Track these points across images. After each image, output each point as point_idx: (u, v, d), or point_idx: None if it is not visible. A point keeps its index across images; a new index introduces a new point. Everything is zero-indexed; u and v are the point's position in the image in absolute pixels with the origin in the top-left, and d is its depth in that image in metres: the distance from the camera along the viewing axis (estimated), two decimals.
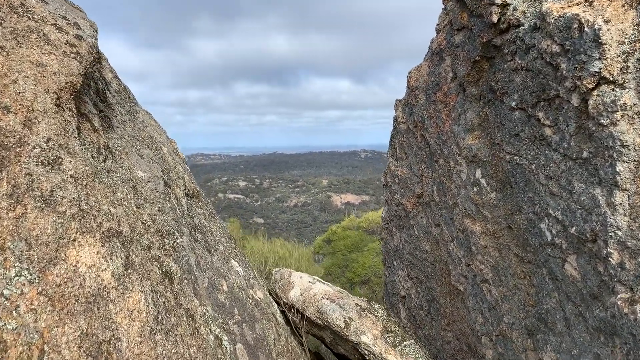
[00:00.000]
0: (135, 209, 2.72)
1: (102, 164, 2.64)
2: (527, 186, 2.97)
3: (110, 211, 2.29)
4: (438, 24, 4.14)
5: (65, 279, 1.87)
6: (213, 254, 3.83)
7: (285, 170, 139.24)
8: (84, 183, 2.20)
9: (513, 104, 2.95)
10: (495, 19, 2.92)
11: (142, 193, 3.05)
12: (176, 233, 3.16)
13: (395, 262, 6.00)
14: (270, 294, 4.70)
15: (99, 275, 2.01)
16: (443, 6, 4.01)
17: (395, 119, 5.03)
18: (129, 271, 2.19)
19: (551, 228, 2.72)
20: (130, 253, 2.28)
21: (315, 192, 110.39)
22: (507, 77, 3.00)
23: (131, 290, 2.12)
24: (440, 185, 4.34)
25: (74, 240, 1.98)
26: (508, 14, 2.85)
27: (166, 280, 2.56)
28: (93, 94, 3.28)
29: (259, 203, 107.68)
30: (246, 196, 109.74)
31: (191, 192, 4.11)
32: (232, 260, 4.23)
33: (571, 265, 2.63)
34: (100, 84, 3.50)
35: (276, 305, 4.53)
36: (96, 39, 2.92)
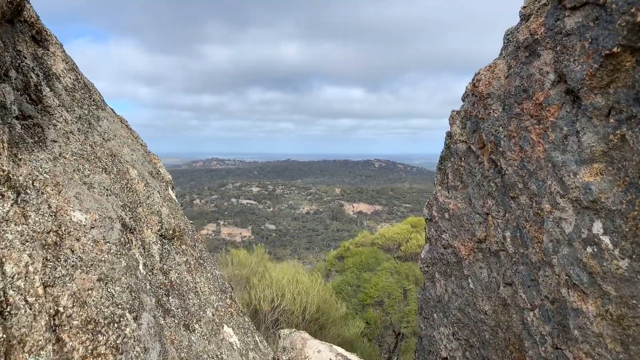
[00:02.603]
0: (38, 294, 1.53)
1: None
2: None
3: None
4: (525, 7, 2.93)
5: None
6: (195, 329, 2.63)
7: (299, 178, 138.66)
8: None
9: None
10: None
11: (72, 251, 1.87)
12: (127, 315, 1.96)
13: (436, 315, 4.76)
14: None
15: None
16: None
17: (450, 135, 3.80)
18: None
19: None
20: None
21: (327, 200, 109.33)
22: None
23: None
24: (518, 232, 3.11)
25: None
26: None
27: None
28: (13, 92, 2.11)
29: (271, 209, 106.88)
30: (259, 202, 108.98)
31: (170, 231, 2.93)
32: (225, 327, 3.04)
33: None
34: (33, 76, 2.34)
35: None
36: None
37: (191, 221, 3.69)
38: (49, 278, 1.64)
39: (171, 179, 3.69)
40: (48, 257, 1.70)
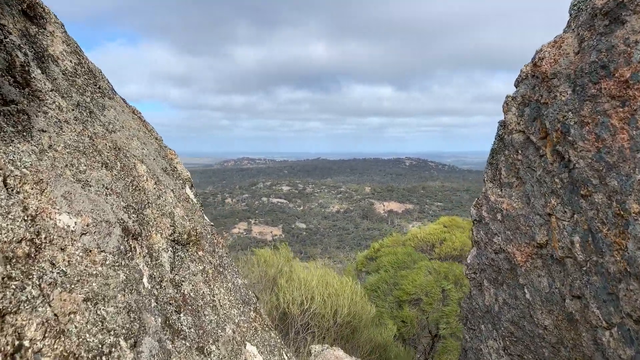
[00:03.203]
0: None
1: None
2: None
3: None
4: None
5: None
6: (211, 351, 2.25)
7: (328, 176, 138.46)
8: None
9: None
10: None
11: (53, 265, 1.50)
12: (122, 343, 1.58)
13: (483, 327, 4.28)
14: None
15: None
16: None
17: (504, 124, 3.33)
18: None
19: None
20: None
21: (357, 199, 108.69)
22: None
23: None
24: (590, 237, 2.62)
25: None
26: None
27: None
28: None
29: (301, 208, 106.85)
30: (289, 201, 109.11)
31: (185, 236, 2.55)
32: (248, 346, 2.65)
33: None
34: (19, 55, 1.99)
35: None
36: None
37: (211, 223, 3.32)
38: (11, 302, 1.26)
39: (190, 176, 3.32)
40: (13, 275, 1.33)
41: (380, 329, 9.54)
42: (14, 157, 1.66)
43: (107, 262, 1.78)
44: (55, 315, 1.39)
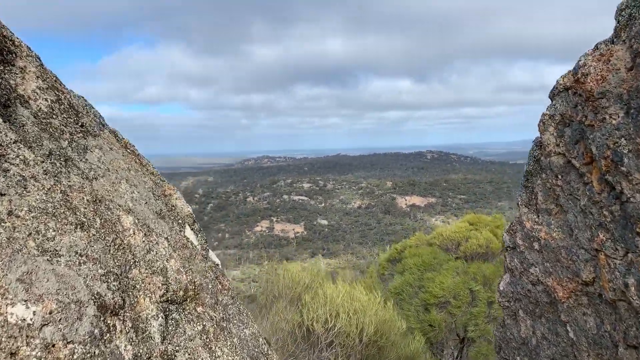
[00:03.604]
0: None
1: None
2: None
3: None
4: None
5: None
6: None
7: (349, 172, 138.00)
8: None
9: None
10: None
11: None
12: None
13: (519, 359, 3.91)
14: None
15: None
16: None
17: (541, 145, 2.95)
18: None
19: None
20: None
21: (379, 194, 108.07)
22: None
23: None
24: None
25: None
26: None
27: None
28: None
29: (322, 205, 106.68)
30: (310, 198, 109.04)
31: (180, 293, 2.25)
32: None
33: None
34: None
35: None
36: None
37: (217, 262, 3.02)
38: None
39: (191, 211, 3.01)
40: None
41: (408, 340, 9.17)
42: None
43: (76, 356, 1.48)
44: None
